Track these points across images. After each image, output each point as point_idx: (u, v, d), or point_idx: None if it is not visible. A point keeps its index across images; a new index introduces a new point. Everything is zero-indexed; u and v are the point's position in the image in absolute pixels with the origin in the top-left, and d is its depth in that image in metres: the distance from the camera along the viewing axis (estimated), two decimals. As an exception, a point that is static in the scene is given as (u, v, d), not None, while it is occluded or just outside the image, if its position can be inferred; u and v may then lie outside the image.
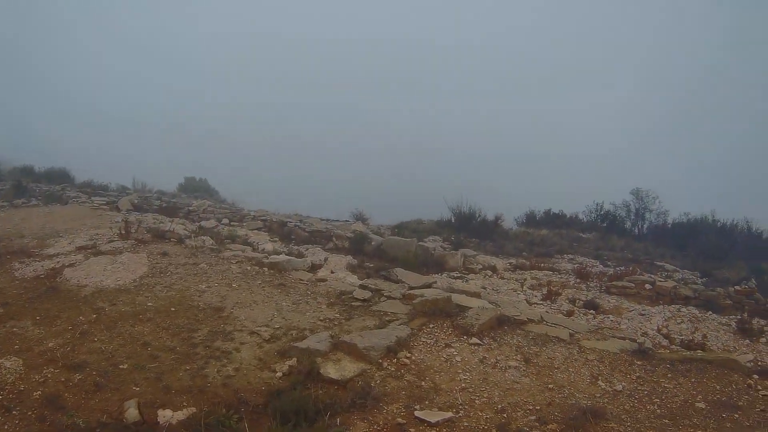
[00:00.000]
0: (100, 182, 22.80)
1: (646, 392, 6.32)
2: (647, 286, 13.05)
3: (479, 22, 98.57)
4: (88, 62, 79.42)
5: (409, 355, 6.54)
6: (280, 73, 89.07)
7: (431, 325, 7.52)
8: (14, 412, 5.15)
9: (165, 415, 5.18)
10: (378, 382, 5.87)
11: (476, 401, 5.62)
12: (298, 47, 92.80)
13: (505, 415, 5.39)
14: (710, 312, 11.92)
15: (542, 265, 15.66)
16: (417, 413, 5.21)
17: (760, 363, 8.24)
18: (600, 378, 6.58)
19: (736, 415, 5.88)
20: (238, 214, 17.92)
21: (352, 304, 8.45)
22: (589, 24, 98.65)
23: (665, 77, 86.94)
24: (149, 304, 7.88)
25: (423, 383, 5.92)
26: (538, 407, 5.62)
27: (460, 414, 5.34)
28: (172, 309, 7.73)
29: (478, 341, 7.13)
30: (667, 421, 5.62)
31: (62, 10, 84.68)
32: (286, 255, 11.22)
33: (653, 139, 72.99)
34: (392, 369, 6.20)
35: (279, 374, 6.00)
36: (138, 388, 5.68)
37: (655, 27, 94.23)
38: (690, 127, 72.99)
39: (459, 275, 13.11)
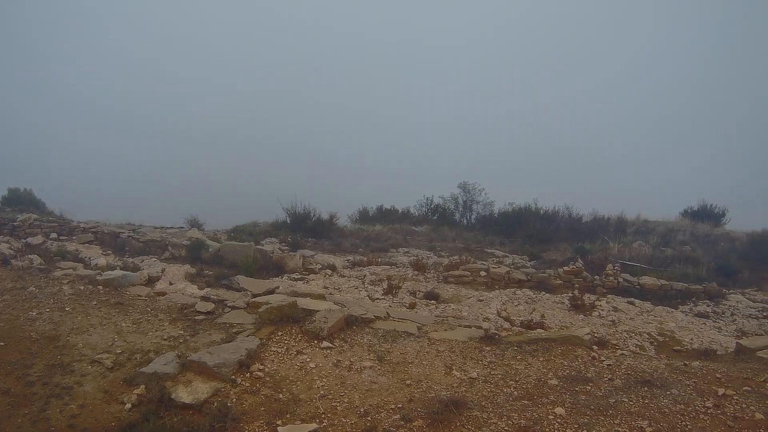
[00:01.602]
0: None
1: (500, 376, 6.59)
2: (482, 273, 13.76)
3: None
4: None
5: (262, 367, 6.32)
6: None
7: (280, 333, 7.32)
8: None
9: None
10: (234, 400, 5.61)
11: (338, 407, 5.56)
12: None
13: (369, 418, 5.37)
14: (543, 292, 12.89)
15: (379, 260, 16.03)
16: (280, 429, 5.05)
17: (596, 335, 9.06)
18: (454, 368, 6.78)
19: (589, 387, 6.30)
20: (67, 227, 16.71)
21: (196, 318, 8.02)
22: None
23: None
24: (-28, 341, 6.99)
25: (281, 395, 5.75)
26: (401, 405, 5.66)
27: (324, 423, 5.25)
28: (1, 343, 6.84)
29: (330, 345, 7.07)
30: (526, 401, 5.87)
31: None
32: (121, 269, 10.49)
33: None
34: (247, 384, 5.94)
35: (128, 406, 5.49)
36: (-30, 445, 5.02)
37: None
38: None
39: (300, 277, 13.10)
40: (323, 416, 5.39)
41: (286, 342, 7.11)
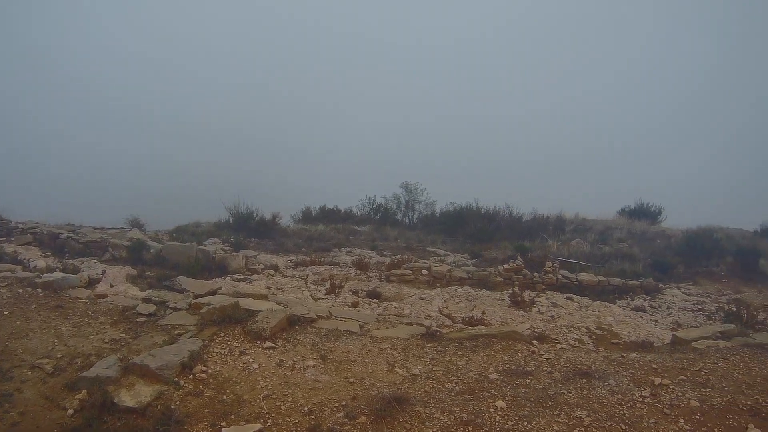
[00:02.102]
0: None
1: (442, 372, 6.74)
2: (424, 271, 13.93)
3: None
4: None
5: (205, 368, 6.32)
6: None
7: (223, 334, 7.31)
8: None
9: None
10: (178, 403, 5.60)
11: (282, 407, 5.62)
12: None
13: (313, 417, 5.44)
14: (484, 290, 13.13)
15: (322, 259, 16.08)
16: (224, 430, 5.10)
17: (536, 330, 9.28)
18: (396, 365, 6.90)
19: (528, 380, 6.50)
20: (5, 227, 16.20)
21: (138, 320, 7.94)
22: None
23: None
24: None
25: (224, 397, 5.78)
26: (344, 403, 5.74)
27: (269, 423, 5.31)
28: (-65, 351, 6.66)
29: (273, 344, 7.11)
30: (467, 396, 6.03)
31: None
32: (60, 272, 10.27)
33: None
34: (190, 386, 5.94)
35: (70, 411, 5.43)
36: None
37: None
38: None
39: (243, 277, 13.07)
40: (267, 416, 5.45)
41: (229, 343, 7.11)
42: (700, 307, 13.18)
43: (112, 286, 10.22)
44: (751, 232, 26.10)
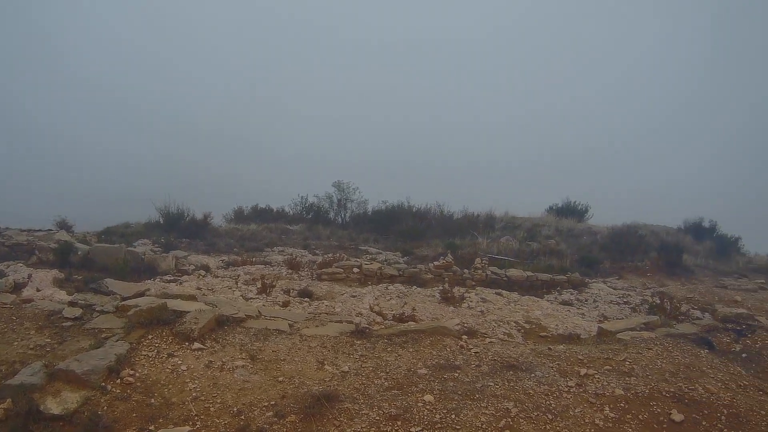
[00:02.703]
0: None
1: (371, 368, 6.87)
2: (355, 269, 14.09)
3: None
4: None
5: (132, 372, 6.27)
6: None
7: (150, 336, 7.25)
8: None
9: None
10: (105, 408, 5.55)
11: (211, 408, 5.64)
12: None
13: (242, 417, 5.48)
14: (415, 287, 13.36)
15: (254, 259, 16.07)
16: (153, 434, 5.12)
17: (466, 325, 9.47)
18: (326, 362, 7.00)
19: (457, 374, 6.70)
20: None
21: (64, 324, 7.79)
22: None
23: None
24: None
25: (153, 400, 5.76)
26: (273, 402, 5.79)
27: (198, 425, 5.33)
28: None
29: (201, 346, 7.10)
30: (396, 391, 6.18)
31: None
32: (-16, 277, 10.06)
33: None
34: (118, 391, 5.88)
35: None
36: None
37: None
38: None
39: (173, 278, 12.96)
40: (196, 418, 5.45)
41: (157, 345, 7.06)
42: (625, 300, 13.80)
43: (38, 290, 10.00)
44: (675, 229, 27.34)
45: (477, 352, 7.63)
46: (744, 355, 8.37)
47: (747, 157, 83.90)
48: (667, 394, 6.19)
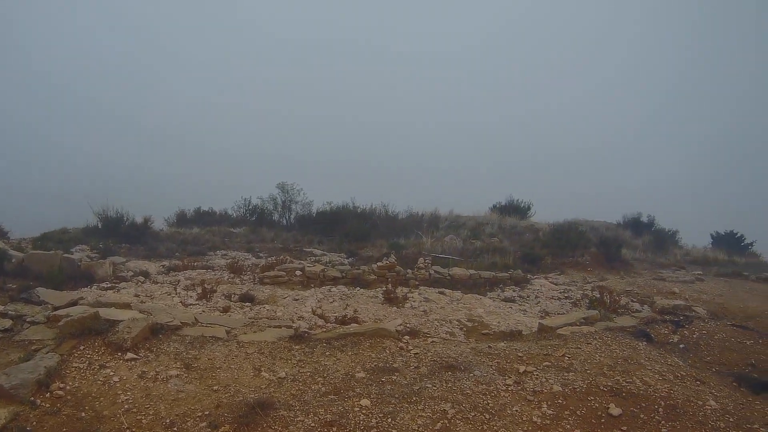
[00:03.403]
0: None
1: (308, 374, 6.85)
2: (297, 272, 14.01)
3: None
4: None
5: (62, 385, 6.10)
6: None
7: (82, 347, 7.05)
8: None
9: None
10: (35, 423, 5.38)
11: (143, 420, 5.53)
12: None
13: (175, 429, 5.40)
14: (358, 288, 13.36)
15: (196, 263, 15.82)
16: (81, 448, 5.01)
17: (408, 325, 9.50)
18: (263, 369, 6.96)
19: (395, 376, 6.74)
20: None
21: None
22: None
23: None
24: None
25: (83, 414, 5.62)
26: (208, 412, 5.72)
27: None
28: None
29: (134, 356, 6.96)
30: (332, 396, 6.18)
31: None
32: None
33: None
34: (47, 405, 5.71)
35: None
36: None
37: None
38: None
39: (110, 285, 12.62)
40: (127, 431, 5.36)
41: (89, 356, 6.88)
42: (566, 295, 14.05)
43: (-32, 302, 9.66)
44: (615, 224, 28.03)
45: (417, 353, 7.68)
46: (681, 345, 8.65)
47: (690, 155, 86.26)
48: (605, 389, 6.35)
